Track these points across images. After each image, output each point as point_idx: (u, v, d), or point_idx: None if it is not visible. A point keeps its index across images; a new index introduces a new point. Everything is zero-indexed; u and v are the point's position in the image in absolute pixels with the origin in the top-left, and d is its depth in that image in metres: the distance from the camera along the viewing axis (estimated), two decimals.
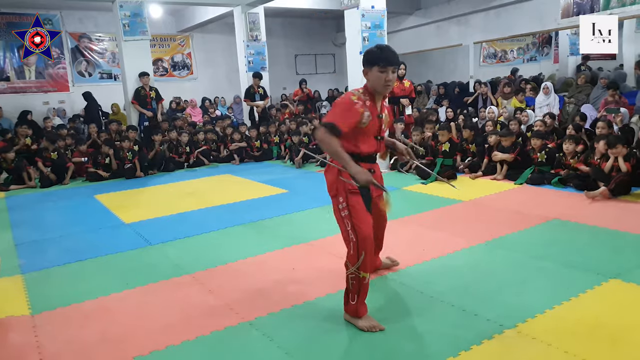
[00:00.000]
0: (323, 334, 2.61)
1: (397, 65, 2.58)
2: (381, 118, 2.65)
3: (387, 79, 2.53)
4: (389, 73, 2.52)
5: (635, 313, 2.66)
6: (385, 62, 2.51)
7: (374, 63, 2.53)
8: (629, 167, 5.00)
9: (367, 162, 2.66)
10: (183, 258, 3.89)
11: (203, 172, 8.14)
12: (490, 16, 11.52)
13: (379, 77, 2.53)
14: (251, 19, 10.43)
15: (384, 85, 2.54)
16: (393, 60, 2.54)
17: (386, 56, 2.52)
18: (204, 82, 14.52)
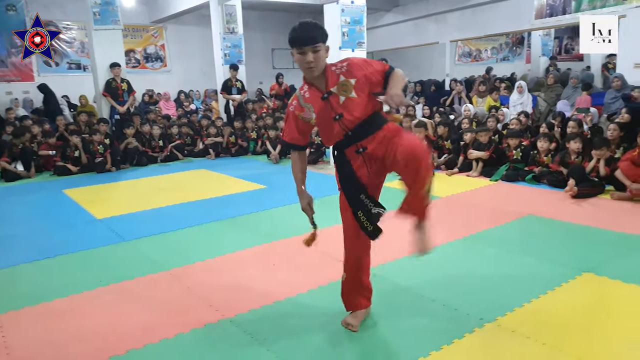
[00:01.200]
0: (305, 330, 2.58)
1: (316, 43, 2.22)
2: (329, 96, 2.32)
3: (307, 61, 2.23)
4: (307, 54, 2.22)
5: (608, 305, 2.73)
6: (300, 43, 2.22)
7: (291, 44, 2.27)
8: (608, 171, 5.12)
9: (351, 144, 2.36)
10: (159, 254, 3.79)
11: (177, 167, 7.99)
12: (467, 15, 11.67)
13: (300, 59, 2.26)
14: (228, 11, 10.26)
15: (306, 68, 2.27)
16: (307, 39, 2.22)
17: (300, 36, 2.23)
18: (178, 75, 14.24)
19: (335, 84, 2.31)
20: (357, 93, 2.30)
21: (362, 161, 2.38)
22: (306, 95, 2.38)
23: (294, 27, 2.29)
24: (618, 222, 4.15)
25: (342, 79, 2.31)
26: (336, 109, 2.32)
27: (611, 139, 5.53)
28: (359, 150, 2.35)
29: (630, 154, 4.88)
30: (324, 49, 2.28)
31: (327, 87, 2.33)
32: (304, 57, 2.24)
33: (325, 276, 3.20)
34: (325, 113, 2.35)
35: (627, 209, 4.58)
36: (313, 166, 7.57)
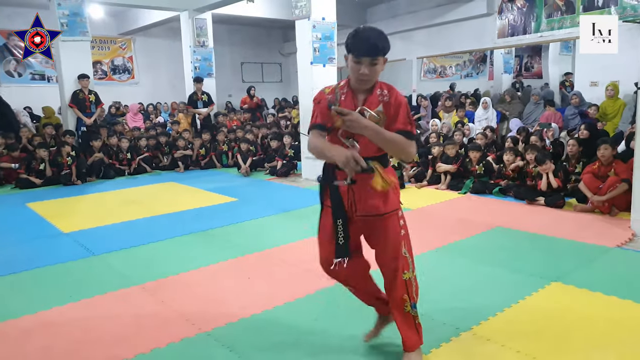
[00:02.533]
0: (284, 342, 2.58)
1: (377, 56, 2.05)
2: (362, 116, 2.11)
3: (361, 72, 2.06)
4: (363, 65, 2.05)
5: (576, 313, 2.83)
6: (360, 52, 2.04)
7: (348, 50, 2.08)
8: (559, 182, 5.35)
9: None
10: (131, 268, 3.71)
11: (146, 180, 7.84)
12: (433, 33, 12.01)
13: (354, 68, 2.08)
14: (198, 25, 10.25)
15: (357, 78, 2.10)
16: (369, 49, 2.03)
17: (362, 43, 2.04)
18: (146, 87, 14.04)
19: (372, 110, 2.11)
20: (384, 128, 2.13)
21: (345, 190, 2.22)
22: (342, 97, 2.19)
23: (357, 30, 2.09)
24: (581, 233, 4.32)
25: (380, 109, 2.13)
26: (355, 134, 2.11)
27: (571, 154, 5.78)
28: (346, 180, 2.15)
29: (591, 167, 5.11)
30: (382, 63, 2.10)
31: (363, 104, 2.14)
32: (358, 66, 2.06)
33: (301, 288, 3.21)
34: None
35: (590, 220, 4.78)
36: (285, 179, 7.58)
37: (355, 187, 2.19)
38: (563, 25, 9.05)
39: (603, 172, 5.01)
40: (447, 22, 11.39)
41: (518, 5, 9.76)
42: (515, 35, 9.92)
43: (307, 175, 7.52)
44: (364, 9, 13.36)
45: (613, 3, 8.09)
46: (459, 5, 10.85)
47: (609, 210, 4.87)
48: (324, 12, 7.10)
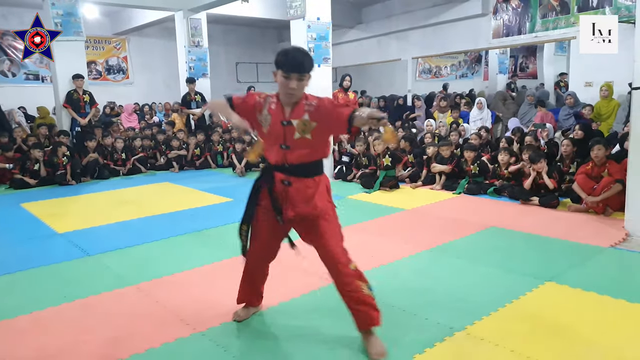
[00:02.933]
0: (279, 342, 2.58)
1: (304, 73, 2.30)
2: (286, 125, 2.36)
3: (290, 87, 2.29)
4: (292, 80, 2.28)
5: (570, 312, 2.85)
6: (288, 68, 2.27)
7: (278, 66, 2.31)
8: (554, 183, 5.38)
9: (281, 172, 2.42)
10: (125, 269, 3.70)
11: (140, 180, 7.82)
12: (428, 33, 12.03)
13: (283, 83, 2.30)
14: (193, 25, 10.22)
15: (286, 92, 2.32)
16: (297, 66, 2.27)
17: (291, 61, 2.27)
18: (141, 87, 14.02)
19: (298, 119, 2.35)
20: (313, 136, 2.36)
21: (281, 191, 2.44)
22: (272, 107, 2.42)
23: (285, 49, 2.32)
24: (575, 233, 4.35)
25: (306, 118, 2.35)
26: (287, 140, 2.38)
27: (565, 155, 5.81)
28: (285, 182, 2.41)
29: (585, 168, 5.14)
30: (307, 79, 2.34)
31: (290, 116, 2.37)
32: (287, 82, 2.29)
33: (296, 288, 3.21)
34: (276, 135, 2.40)
35: (583, 220, 4.81)
36: None
37: (290, 189, 2.41)
38: (558, 25, 9.09)
39: (596, 173, 5.03)
40: (442, 23, 11.42)
41: (513, 6, 9.79)
42: (510, 36, 9.95)
43: None
44: (359, 9, 13.38)
45: (607, 3, 8.14)
46: (454, 6, 10.88)
47: (603, 210, 4.90)
48: (318, 12, 7.10)
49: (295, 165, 2.39)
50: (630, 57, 4.13)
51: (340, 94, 8.05)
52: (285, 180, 2.41)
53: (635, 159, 4.17)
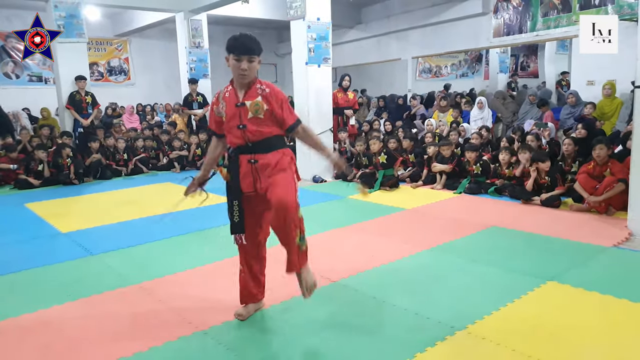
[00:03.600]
0: (281, 341, 2.60)
1: (253, 55, 2.52)
2: (241, 106, 2.56)
3: (242, 68, 2.50)
4: (243, 62, 2.50)
5: (572, 312, 2.85)
6: (239, 51, 2.50)
7: (229, 51, 2.53)
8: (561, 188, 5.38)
9: (246, 153, 2.62)
10: (128, 268, 3.72)
11: (142, 180, 7.85)
12: (428, 33, 12.03)
13: (235, 65, 2.52)
14: (194, 26, 10.25)
15: (239, 74, 2.52)
16: (246, 49, 2.50)
17: (241, 44, 2.51)
18: (142, 88, 14.05)
19: (251, 100, 2.56)
20: (265, 116, 2.58)
21: (250, 171, 2.62)
22: (226, 95, 2.63)
23: (234, 36, 2.54)
24: (577, 233, 4.35)
25: (259, 99, 2.57)
26: (242, 120, 2.58)
27: (566, 154, 5.81)
28: (251, 160, 2.61)
29: (586, 167, 5.13)
30: (258, 62, 2.56)
31: (244, 98, 2.58)
32: (239, 64, 2.50)
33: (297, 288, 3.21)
34: (233, 118, 2.59)
35: (586, 219, 4.81)
36: None
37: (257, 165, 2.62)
38: (559, 24, 9.08)
39: (598, 172, 5.03)
40: (442, 22, 11.41)
41: (514, 4, 9.79)
42: (511, 35, 9.94)
43: (302, 175, 7.49)
44: (359, 9, 13.38)
45: (610, 1, 8.11)
46: (454, 5, 10.88)
47: (605, 209, 4.89)
48: (318, 12, 7.12)
49: (257, 142, 2.59)
50: (632, 55, 4.13)
51: (339, 93, 8.07)
52: (251, 159, 2.60)
53: (638, 158, 4.17)
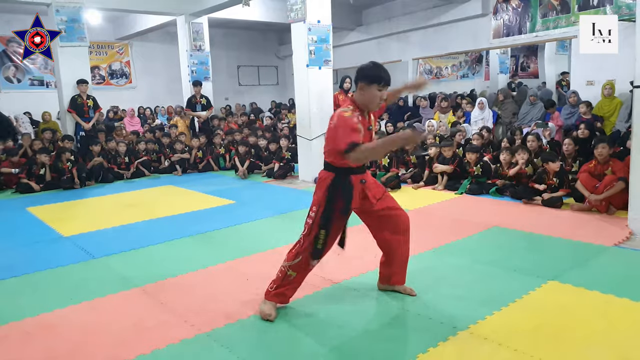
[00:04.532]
0: (283, 343, 2.60)
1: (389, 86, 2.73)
2: (371, 130, 2.77)
3: (382, 98, 2.69)
4: (384, 92, 2.68)
5: (573, 311, 2.85)
6: (385, 82, 2.66)
7: (374, 81, 2.64)
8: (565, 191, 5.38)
9: (358, 173, 2.75)
10: (130, 271, 3.73)
11: (144, 183, 7.87)
12: (428, 34, 12.05)
13: (376, 95, 2.66)
14: (195, 29, 10.29)
15: (377, 103, 2.70)
16: (389, 80, 2.69)
17: (386, 77, 2.66)
18: (143, 91, 14.10)
19: (372, 124, 2.81)
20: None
21: (360, 191, 2.78)
22: (359, 117, 2.68)
23: (376, 65, 2.69)
24: (578, 232, 4.36)
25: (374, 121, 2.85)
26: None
27: (567, 153, 5.81)
28: (362, 181, 2.78)
29: (588, 166, 5.14)
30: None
31: (370, 122, 2.78)
32: (381, 93, 2.67)
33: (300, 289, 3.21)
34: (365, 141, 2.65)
35: (586, 219, 4.81)
36: (282, 181, 7.60)
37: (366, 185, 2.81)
38: (558, 24, 9.08)
39: (600, 171, 5.03)
40: (443, 23, 11.43)
41: (513, 6, 9.80)
42: (510, 36, 9.94)
43: (303, 177, 7.55)
44: (359, 11, 13.40)
45: (608, 2, 8.13)
46: (454, 6, 10.89)
47: (606, 209, 4.90)
48: (319, 14, 7.13)
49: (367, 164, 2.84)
50: (631, 55, 4.14)
51: (341, 95, 8.07)
52: (362, 179, 2.79)
53: (637, 157, 4.17)
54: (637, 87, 4.09)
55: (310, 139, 7.31)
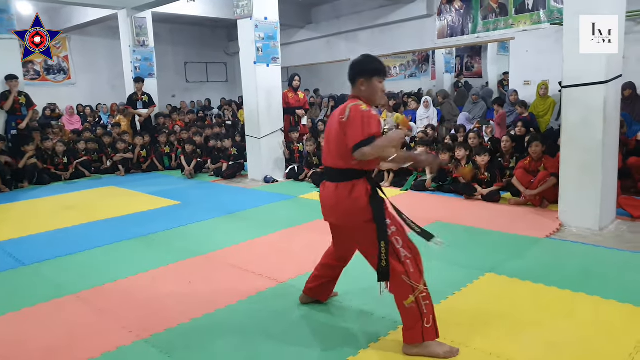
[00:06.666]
0: (224, 346, 2.55)
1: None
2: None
3: (383, 90, 2.57)
4: (383, 84, 2.58)
5: (506, 301, 2.97)
6: (384, 74, 2.55)
7: (374, 74, 2.49)
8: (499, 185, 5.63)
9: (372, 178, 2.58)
10: (65, 277, 3.56)
11: (84, 185, 7.53)
12: (376, 34, 12.22)
13: (379, 88, 2.52)
14: (138, 24, 9.93)
15: (382, 96, 2.56)
16: (386, 71, 2.60)
17: (384, 68, 2.57)
18: (84, 88, 13.46)
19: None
20: None
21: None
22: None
23: (371, 57, 2.55)
24: (514, 225, 4.54)
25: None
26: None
27: (505, 150, 6.05)
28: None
29: (523, 163, 5.38)
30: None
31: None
32: (382, 85, 2.53)
33: (244, 290, 3.19)
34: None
35: (522, 213, 5.03)
36: (231, 181, 7.49)
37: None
38: (498, 26, 9.45)
39: (534, 167, 5.28)
40: (390, 23, 11.62)
41: (456, 7, 10.11)
42: (454, 36, 10.26)
43: (253, 176, 7.47)
44: (308, 9, 13.41)
45: (542, 6, 8.55)
46: (401, 7, 11.10)
47: (540, 202, 5.14)
48: (266, 11, 7.07)
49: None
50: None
51: (290, 93, 8.05)
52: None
53: (566, 154, 4.40)
54: (565, 87, 4.31)
55: (259, 137, 7.24)
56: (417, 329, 2.35)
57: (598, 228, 4.25)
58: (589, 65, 4.12)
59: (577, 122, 4.26)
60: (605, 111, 4.12)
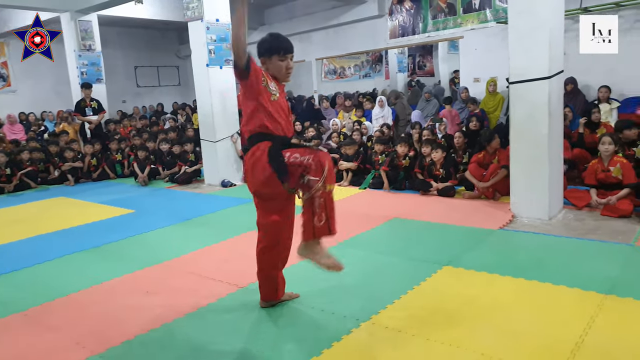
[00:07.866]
0: (184, 355, 2.48)
1: (293, 53, 2.60)
2: (288, 101, 2.69)
3: (289, 67, 2.56)
4: (289, 61, 2.56)
5: (464, 293, 3.04)
6: (284, 51, 2.54)
7: (272, 52, 2.54)
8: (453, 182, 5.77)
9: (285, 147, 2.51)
10: (10, 295, 3.37)
11: (30, 197, 7.18)
12: (330, 34, 12.29)
13: (280, 65, 2.55)
14: (83, 27, 9.56)
15: (286, 73, 2.57)
16: (290, 48, 2.57)
17: (285, 45, 2.55)
18: (25, 95, 12.84)
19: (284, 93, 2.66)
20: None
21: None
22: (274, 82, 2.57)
23: (274, 35, 2.57)
24: (469, 219, 4.67)
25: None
26: (289, 115, 2.63)
27: (458, 146, 6.20)
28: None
29: (476, 157, 5.53)
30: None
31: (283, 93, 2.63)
32: (285, 63, 2.55)
33: (203, 298, 3.12)
34: (283, 108, 2.57)
35: (476, 206, 5.17)
36: (186, 186, 7.33)
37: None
38: (447, 26, 9.70)
39: (488, 161, 5.45)
40: (343, 24, 11.72)
41: (406, 7, 10.30)
42: (405, 36, 10.46)
43: (210, 180, 7.34)
44: (262, 10, 13.33)
45: (488, 6, 8.84)
46: (352, 7, 11.21)
47: (493, 195, 5.31)
48: (217, 13, 6.97)
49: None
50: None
51: None
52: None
53: (515, 148, 4.56)
54: (512, 83, 4.47)
55: (215, 140, 7.12)
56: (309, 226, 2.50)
57: (547, 217, 4.42)
58: (533, 61, 4.28)
59: (524, 117, 4.42)
60: (550, 106, 4.29)
